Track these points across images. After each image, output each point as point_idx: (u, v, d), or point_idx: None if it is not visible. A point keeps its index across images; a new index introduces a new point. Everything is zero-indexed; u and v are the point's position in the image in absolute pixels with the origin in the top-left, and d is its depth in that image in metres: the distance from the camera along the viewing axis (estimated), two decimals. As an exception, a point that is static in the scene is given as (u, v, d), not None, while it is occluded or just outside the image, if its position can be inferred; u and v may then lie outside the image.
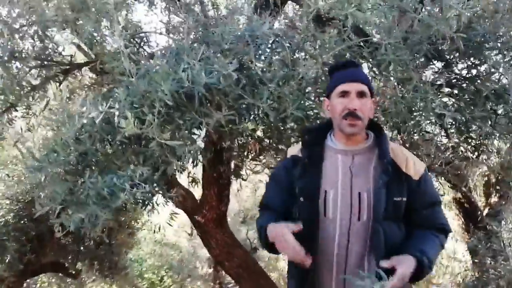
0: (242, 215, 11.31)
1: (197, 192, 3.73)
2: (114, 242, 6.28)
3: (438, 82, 2.64)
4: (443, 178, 4.41)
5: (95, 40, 2.48)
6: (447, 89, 2.65)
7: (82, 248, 6.60)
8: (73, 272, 6.66)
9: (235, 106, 2.19)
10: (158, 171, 2.28)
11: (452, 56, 2.43)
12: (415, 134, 2.86)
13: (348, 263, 1.73)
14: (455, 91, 2.68)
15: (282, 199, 1.89)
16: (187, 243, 12.34)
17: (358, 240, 1.73)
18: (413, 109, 2.47)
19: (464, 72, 2.54)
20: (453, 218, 6.05)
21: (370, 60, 2.53)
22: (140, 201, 2.31)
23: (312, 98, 2.49)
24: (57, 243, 6.00)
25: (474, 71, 2.51)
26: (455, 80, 2.58)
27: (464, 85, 2.59)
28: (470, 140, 2.87)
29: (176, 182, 3.56)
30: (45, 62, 2.98)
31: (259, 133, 2.66)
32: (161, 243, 12.14)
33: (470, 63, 2.48)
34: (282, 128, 2.42)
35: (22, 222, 5.26)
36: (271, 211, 1.91)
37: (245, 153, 2.73)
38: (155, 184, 2.29)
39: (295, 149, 1.93)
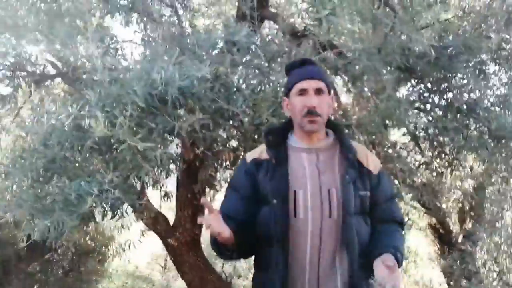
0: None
1: (168, 208, 3.64)
2: (84, 269, 6.06)
3: (412, 98, 2.69)
4: (417, 202, 4.44)
5: (69, 46, 2.45)
6: (419, 104, 2.69)
7: (50, 277, 6.35)
8: (39, 303, 6.38)
9: (209, 110, 2.16)
10: (129, 177, 2.21)
11: (424, 69, 2.47)
12: (389, 149, 2.87)
13: (321, 262, 1.69)
14: (428, 106, 2.72)
15: (244, 207, 1.81)
16: (160, 276, 12.03)
17: (330, 238, 1.69)
18: (387, 120, 2.49)
19: (436, 85, 2.58)
20: (428, 244, 6.07)
21: (344, 73, 2.57)
22: (109, 209, 2.23)
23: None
24: (23, 271, 5.76)
25: (445, 84, 2.55)
26: (427, 94, 2.62)
27: (436, 98, 2.63)
28: (443, 156, 2.89)
29: (149, 204, 3.48)
30: (17, 72, 2.93)
31: (233, 142, 2.63)
32: (134, 276, 11.79)
33: (442, 76, 2.52)
34: (256, 137, 2.40)
35: (-16, 246, 5.05)
36: (230, 220, 1.77)
37: (219, 162, 2.69)
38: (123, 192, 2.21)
39: (255, 153, 1.87)
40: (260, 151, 1.85)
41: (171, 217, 3.83)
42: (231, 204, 1.86)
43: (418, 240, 6.40)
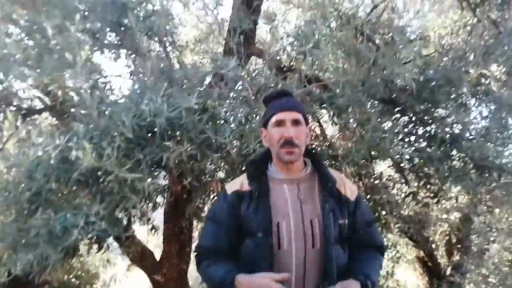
0: (204, 286, 10.90)
1: (154, 245, 3.59)
2: (67, 310, 5.86)
3: (396, 130, 2.74)
4: (405, 234, 4.45)
5: (57, 80, 2.46)
6: (403, 135, 2.74)
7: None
8: None
9: (197, 141, 2.18)
10: (116, 210, 2.19)
11: (407, 101, 2.54)
12: (376, 180, 2.90)
13: None
14: (412, 137, 2.77)
15: (228, 240, 1.80)
16: (146, 316, 11.68)
17: (314, 268, 1.70)
18: (372, 151, 2.52)
19: (419, 116, 2.64)
20: (417, 277, 6.03)
21: (330, 105, 2.62)
22: (94, 241, 2.19)
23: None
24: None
25: (428, 116, 2.62)
26: (411, 125, 2.68)
27: (420, 130, 2.68)
28: (429, 186, 2.93)
29: (136, 239, 3.43)
30: (3, 106, 2.92)
31: (221, 173, 2.63)
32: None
33: (424, 108, 2.59)
34: (244, 168, 2.40)
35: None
36: (220, 256, 1.81)
37: (207, 193, 2.68)
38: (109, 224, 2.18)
39: (235, 184, 1.85)
40: (240, 183, 1.84)
41: (157, 254, 3.77)
42: (213, 236, 1.84)
43: (407, 274, 6.36)
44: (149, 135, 2.12)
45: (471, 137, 2.69)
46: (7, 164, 2.24)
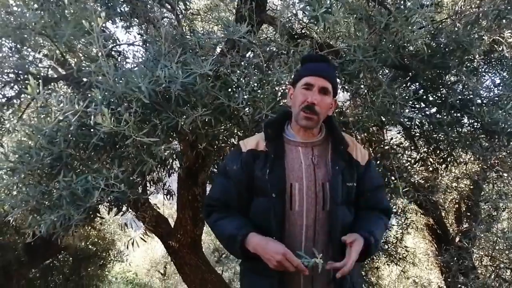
0: (216, 254, 11.15)
1: (168, 214, 3.69)
2: (85, 273, 6.09)
3: (406, 96, 2.76)
4: (414, 203, 4.51)
5: (73, 48, 2.52)
6: (414, 101, 2.76)
7: (50, 283, 6.36)
8: (41, 309, 6.39)
9: (211, 107, 2.23)
10: (134, 173, 2.27)
11: (418, 67, 2.55)
12: (386, 146, 2.94)
13: None
14: (422, 103, 2.79)
15: (237, 195, 1.84)
16: (159, 283, 12.01)
17: (323, 229, 1.76)
18: (383, 117, 2.56)
19: (430, 82, 2.66)
20: (426, 244, 6.14)
21: (341, 71, 2.64)
22: (114, 203, 2.29)
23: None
24: (24, 276, 5.77)
25: (439, 81, 2.63)
26: (422, 91, 2.69)
27: (430, 95, 2.70)
28: (438, 152, 2.96)
29: (150, 206, 3.53)
30: (21, 76, 2.99)
31: (234, 139, 2.70)
32: (133, 283, 11.78)
33: (435, 74, 2.60)
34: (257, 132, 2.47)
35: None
36: (229, 209, 1.85)
37: (221, 158, 2.75)
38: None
39: (251, 143, 1.88)
40: (256, 142, 1.87)
41: (171, 222, 3.88)
42: (223, 190, 1.88)
43: (417, 241, 6.47)
44: (165, 101, 2.17)
45: (481, 102, 2.71)
46: (28, 130, 2.33)
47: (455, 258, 3.67)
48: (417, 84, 2.75)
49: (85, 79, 2.70)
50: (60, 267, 6.38)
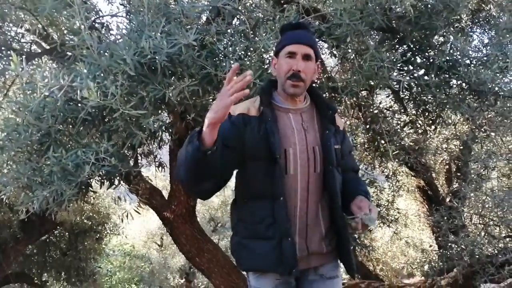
0: (212, 224, 11.30)
1: (161, 186, 3.70)
2: (82, 247, 6.15)
3: (394, 58, 2.75)
4: (405, 165, 4.56)
5: (55, 21, 2.46)
6: (402, 63, 2.76)
7: (48, 258, 6.43)
8: (39, 283, 6.47)
9: (198, 77, 2.21)
10: (123, 146, 2.27)
11: (405, 29, 2.53)
12: (375, 110, 2.95)
13: (308, 212, 1.82)
14: (410, 66, 2.79)
15: (223, 155, 1.64)
16: (157, 254, 12.19)
17: (315, 190, 1.83)
18: (371, 80, 2.55)
19: (417, 44, 2.65)
20: (417, 205, 6.25)
21: (328, 36, 2.62)
22: (105, 177, 2.29)
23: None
24: (21, 253, 5.83)
25: (426, 43, 2.62)
26: (409, 53, 2.69)
27: (418, 58, 2.70)
28: (427, 114, 2.98)
29: (142, 178, 3.53)
30: (4, 52, 2.94)
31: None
32: (131, 255, 11.94)
33: (423, 35, 2.59)
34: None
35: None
36: None
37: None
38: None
39: (241, 108, 1.83)
40: (247, 107, 1.85)
41: (165, 194, 3.91)
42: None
43: (408, 203, 6.59)
44: (151, 73, 2.15)
45: (468, 62, 2.71)
46: (14, 107, 2.31)
47: (446, 218, 3.75)
48: (405, 46, 2.73)
49: (69, 53, 2.67)
50: (56, 242, 6.44)
